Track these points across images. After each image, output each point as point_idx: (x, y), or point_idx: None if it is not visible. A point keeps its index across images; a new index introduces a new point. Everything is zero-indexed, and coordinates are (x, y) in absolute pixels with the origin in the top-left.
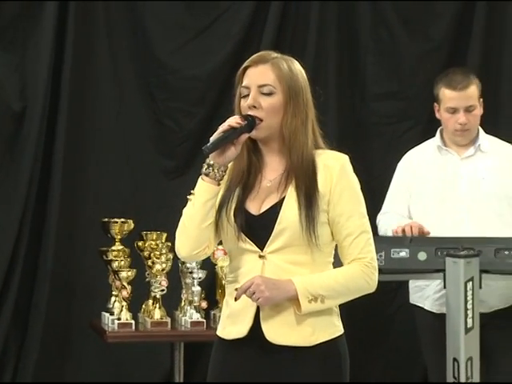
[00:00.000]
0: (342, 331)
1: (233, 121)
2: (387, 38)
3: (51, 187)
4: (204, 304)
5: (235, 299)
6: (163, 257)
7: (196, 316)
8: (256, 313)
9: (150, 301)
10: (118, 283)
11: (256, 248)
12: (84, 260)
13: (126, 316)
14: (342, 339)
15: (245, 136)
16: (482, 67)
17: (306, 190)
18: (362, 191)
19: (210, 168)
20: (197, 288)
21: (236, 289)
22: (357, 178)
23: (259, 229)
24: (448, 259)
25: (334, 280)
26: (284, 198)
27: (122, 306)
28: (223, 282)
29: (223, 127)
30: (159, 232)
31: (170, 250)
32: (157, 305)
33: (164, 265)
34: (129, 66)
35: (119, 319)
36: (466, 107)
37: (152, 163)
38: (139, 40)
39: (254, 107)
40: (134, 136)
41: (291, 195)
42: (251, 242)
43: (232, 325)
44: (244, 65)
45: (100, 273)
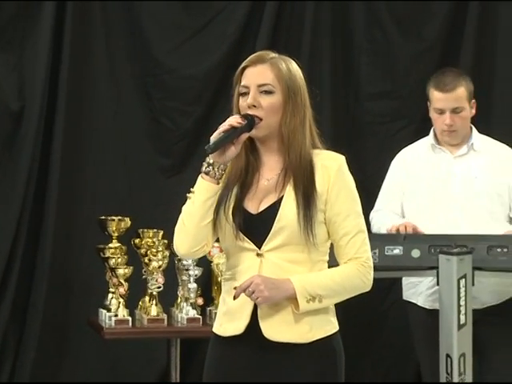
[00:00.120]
0: (337, 328)
1: (233, 120)
2: (381, 39)
3: (49, 186)
4: (200, 301)
5: (234, 298)
6: (160, 254)
7: (192, 313)
8: (253, 310)
9: (147, 298)
10: (115, 280)
11: (254, 246)
12: (81, 258)
13: (123, 313)
14: (337, 336)
15: (245, 135)
16: (475, 67)
17: (304, 190)
18: (357, 190)
19: (210, 167)
20: (193, 285)
21: (235, 287)
22: (353, 178)
23: (257, 227)
24: (441, 256)
25: (332, 279)
26: (282, 197)
27: (119, 303)
28: (219, 279)
29: (224, 127)
30: (156, 230)
31: (167, 248)
32: (153, 301)
33: (160, 262)
34: (126, 66)
35: (116, 316)
36: (453, 109)
37: (149, 162)
38: (136, 40)
39: (254, 106)
40: (131, 135)
41: (289, 194)
42: (249, 241)
43: (229, 322)
44: (242, 65)
45: (97, 270)
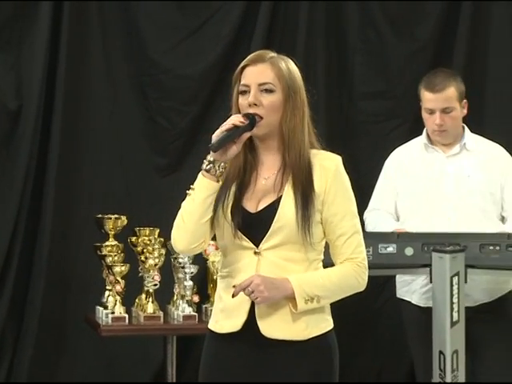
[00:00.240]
0: (332, 325)
1: (236, 119)
2: (375, 39)
3: (46, 185)
4: (196, 298)
5: (233, 296)
6: (156, 252)
7: (188, 310)
8: (251, 308)
9: (143, 295)
10: (112, 278)
11: (252, 245)
12: (78, 256)
13: (120, 310)
14: (332, 333)
15: (246, 135)
16: (468, 67)
17: (303, 190)
18: (352, 189)
19: (211, 164)
20: (189, 282)
21: (234, 286)
22: (348, 178)
23: (256, 226)
24: (434, 254)
25: (329, 280)
26: (281, 197)
27: (116, 300)
28: (215, 277)
29: (226, 125)
30: (152, 228)
31: (163, 246)
32: (150, 299)
33: (157, 260)
34: (122, 66)
35: (113, 313)
36: (443, 109)
37: (145, 161)
38: (132, 40)
39: (255, 105)
40: (128, 134)
41: (288, 194)
42: (247, 240)
43: (226, 319)
44: (242, 64)
45: (94, 268)
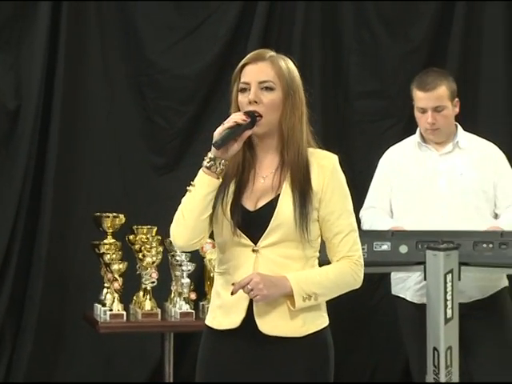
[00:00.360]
0: (328, 322)
1: (238, 117)
2: (369, 39)
3: (45, 184)
4: (193, 295)
5: (232, 293)
6: (153, 250)
7: (185, 307)
8: (249, 305)
9: (141, 292)
10: (110, 275)
11: (250, 242)
12: (77, 254)
13: (118, 307)
14: (328, 330)
15: (248, 132)
16: (461, 67)
17: (301, 188)
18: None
19: (212, 161)
20: (186, 280)
21: (233, 283)
22: (345, 177)
23: (255, 224)
24: (428, 252)
25: (326, 277)
26: (279, 195)
27: (114, 298)
28: (212, 275)
29: (229, 123)
30: (150, 226)
31: (160, 244)
32: (147, 296)
33: (154, 258)
34: (120, 66)
35: (111, 310)
36: (434, 107)
37: (142, 160)
38: (130, 40)
39: (255, 102)
40: (125, 134)
41: (286, 192)
42: (246, 237)
43: (224, 315)
44: (242, 62)
45: (92, 266)
